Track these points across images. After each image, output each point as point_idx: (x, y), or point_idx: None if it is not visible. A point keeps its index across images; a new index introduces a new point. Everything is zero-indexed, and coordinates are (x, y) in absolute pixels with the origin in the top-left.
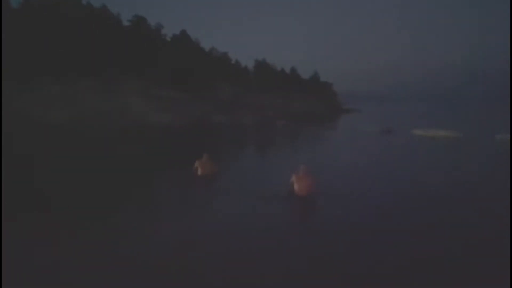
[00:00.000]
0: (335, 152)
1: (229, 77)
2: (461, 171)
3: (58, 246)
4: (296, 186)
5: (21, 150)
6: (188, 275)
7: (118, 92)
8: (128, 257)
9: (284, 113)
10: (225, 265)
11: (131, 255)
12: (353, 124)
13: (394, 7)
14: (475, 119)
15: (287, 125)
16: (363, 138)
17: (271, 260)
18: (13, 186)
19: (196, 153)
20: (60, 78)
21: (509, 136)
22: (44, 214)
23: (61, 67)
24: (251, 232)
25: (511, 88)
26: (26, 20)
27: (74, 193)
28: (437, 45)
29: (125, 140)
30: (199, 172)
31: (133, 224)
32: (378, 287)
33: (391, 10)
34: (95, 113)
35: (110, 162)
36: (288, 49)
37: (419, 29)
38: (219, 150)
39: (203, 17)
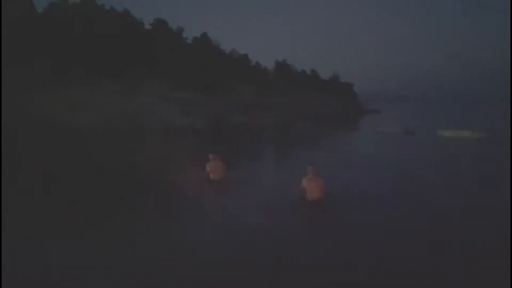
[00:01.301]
0: (355, 154)
1: (249, 78)
2: (488, 172)
3: (79, 245)
4: (307, 190)
5: (45, 153)
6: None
7: (139, 94)
8: (140, 259)
9: (304, 114)
10: (231, 275)
11: (143, 257)
12: (374, 125)
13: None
14: (500, 118)
15: (307, 127)
16: (384, 139)
17: (279, 268)
18: (37, 186)
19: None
20: (82, 81)
21: None
22: (67, 214)
23: (84, 70)
24: (258, 238)
25: (511, 88)
26: (51, 24)
27: (94, 193)
28: (461, 44)
29: (146, 141)
30: (211, 176)
31: (146, 227)
32: None
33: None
34: (116, 115)
35: (130, 163)
36: (307, 50)
37: (443, 28)
38: (238, 152)
39: (224, 19)
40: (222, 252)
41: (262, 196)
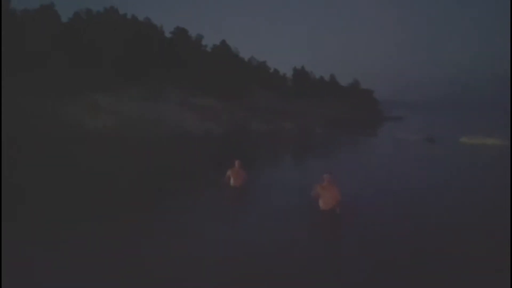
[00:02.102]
0: (373, 161)
1: (268, 85)
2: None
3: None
4: (321, 199)
5: (62, 157)
6: None
7: (159, 101)
8: (161, 265)
9: (323, 120)
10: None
11: (164, 263)
12: (394, 132)
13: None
14: None
15: (326, 133)
16: (404, 146)
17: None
18: (61, 189)
19: (233, 161)
20: (103, 88)
21: None
22: (87, 217)
23: (105, 77)
24: (266, 251)
25: (511, 90)
26: (74, 34)
27: (110, 199)
28: (482, 50)
29: (164, 148)
30: (232, 182)
31: (162, 233)
32: None
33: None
34: (136, 121)
35: (149, 170)
36: (326, 56)
37: (466, 35)
38: (256, 158)
39: (243, 25)
40: (232, 259)
41: (278, 204)
